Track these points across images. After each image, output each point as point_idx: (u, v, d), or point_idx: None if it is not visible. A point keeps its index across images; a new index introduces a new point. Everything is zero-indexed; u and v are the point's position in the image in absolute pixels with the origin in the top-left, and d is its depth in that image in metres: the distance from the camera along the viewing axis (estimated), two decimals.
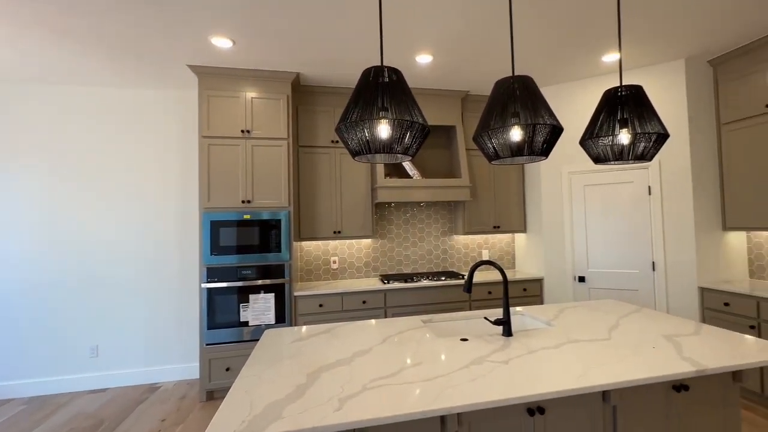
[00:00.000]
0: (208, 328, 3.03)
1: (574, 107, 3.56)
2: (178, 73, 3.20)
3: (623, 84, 2.72)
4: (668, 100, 3.19)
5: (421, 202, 3.98)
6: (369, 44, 2.77)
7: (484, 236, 4.18)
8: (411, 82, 3.53)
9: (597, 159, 1.97)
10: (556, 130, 1.55)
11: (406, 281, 3.46)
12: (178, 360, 3.55)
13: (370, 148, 1.44)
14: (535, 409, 1.43)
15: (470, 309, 3.53)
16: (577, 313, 2.24)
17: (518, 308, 2.35)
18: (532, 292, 3.69)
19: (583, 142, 1.96)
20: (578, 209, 3.53)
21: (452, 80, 3.50)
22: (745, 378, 2.82)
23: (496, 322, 1.78)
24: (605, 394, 1.52)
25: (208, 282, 3.04)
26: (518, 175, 3.99)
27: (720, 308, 2.93)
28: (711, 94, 3.20)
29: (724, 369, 1.48)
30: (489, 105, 1.60)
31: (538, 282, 3.71)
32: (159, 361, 3.52)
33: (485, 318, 1.78)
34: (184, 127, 3.62)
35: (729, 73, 3.08)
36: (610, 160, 1.94)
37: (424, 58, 3.01)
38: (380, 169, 3.43)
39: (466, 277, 3.24)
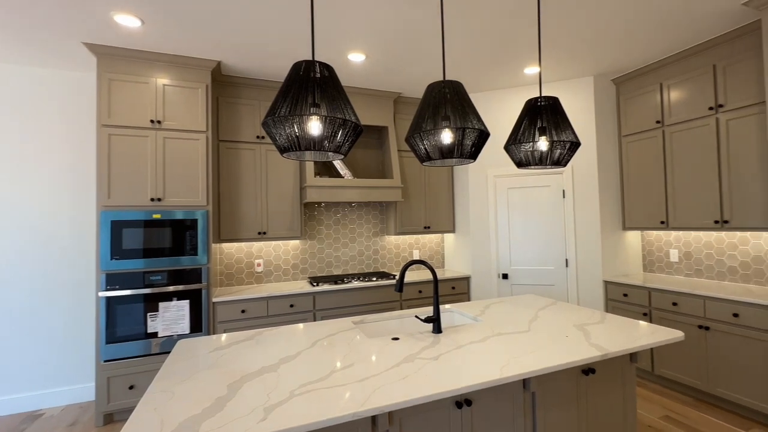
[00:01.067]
0: (107, 343, 2.68)
1: (500, 114, 3.87)
2: (75, 51, 2.81)
3: (542, 95, 3.02)
4: (580, 111, 3.62)
5: (353, 203, 3.99)
6: (298, 36, 2.71)
7: (415, 236, 4.32)
8: (344, 80, 3.54)
9: (519, 163, 2.16)
10: (483, 135, 1.67)
11: (336, 283, 3.43)
12: (69, 381, 3.09)
13: (299, 145, 1.40)
14: (463, 401, 1.50)
15: (402, 308, 3.62)
16: (501, 308, 2.41)
17: (447, 306, 2.46)
18: (460, 289, 3.90)
19: (507, 147, 2.13)
20: (502, 210, 3.83)
21: (385, 81, 3.58)
22: (639, 359, 3.29)
23: (427, 320, 1.84)
24: (525, 382, 1.65)
25: (107, 290, 2.69)
26: (448, 177, 4.21)
27: (620, 299, 3.39)
28: (614, 108, 3.70)
29: (623, 352, 1.70)
30: (421, 107, 1.66)
31: (466, 280, 3.94)
32: (43, 384, 3.03)
33: (416, 316, 1.84)
34: (82, 113, 3.19)
35: (628, 91, 3.59)
36: (531, 165, 2.13)
37: (357, 57, 3.03)
38: (310, 167, 3.37)
39: (397, 276, 3.31)
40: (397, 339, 1.78)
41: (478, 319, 2.16)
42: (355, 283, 3.44)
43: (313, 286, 3.37)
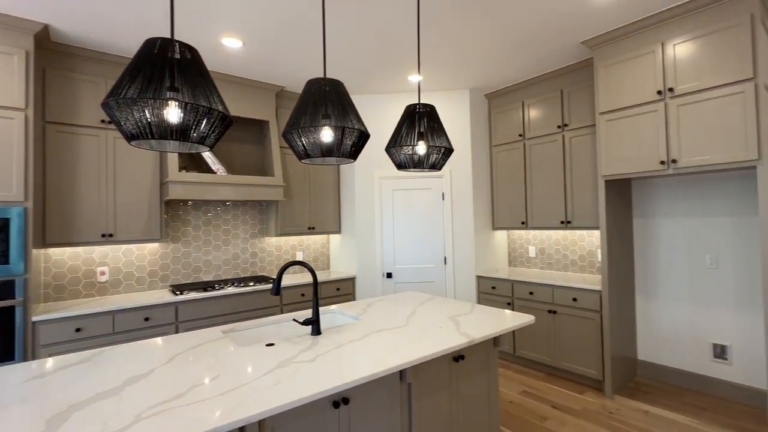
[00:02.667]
0: None
1: (387, 117, 4.10)
2: None
3: (421, 102, 3.29)
4: (457, 121, 4.07)
5: (227, 201, 3.75)
6: (159, 8, 2.45)
7: (299, 238, 4.27)
8: (218, 67, 3.32)
9: (399, 165, 2.33)
10: (364, 136, 1.75)
11: (205, 290, 3.18)
12: None
13: (152, 132, 1.27)
14: (340, 400, 1.55)
15: (282, 313, 3.54)
16: (382, 306, 2.55)
17: (332, 306, 2.50)
18: (345, 290, 3.99)
19: (388, 150, 2.28)
20: (387, 211, 4.06)
21: (267, 73, 3.48)
22: (502, 342, 3.81)
23: (305, 323, 1.85)
24: (402, 375, 1.79)
25: None
26: (334, 177, 4.28)
27: (489, 291, 3.90)
28: (486, 120, 4.26)
29: (486, 337, 1.97)
30: (300, 103, 1.67)
31: (351, 280, 4.05)
32: None
33: (294, 320, 1.83)
34: None
35: (497, 106, 4.17)
36: (409, 167, 2.32)
37: (232, 42, 2.88)
38: (173, 160, 3.05)
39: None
40: (272, 345, 1.74)
41: (360, 318, 2.25)
42: (230, 290, 3.23)
43: (176, 294, 3.06)
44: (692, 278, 3.08)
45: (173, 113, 1.27)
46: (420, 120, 2.24)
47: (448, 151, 2.33)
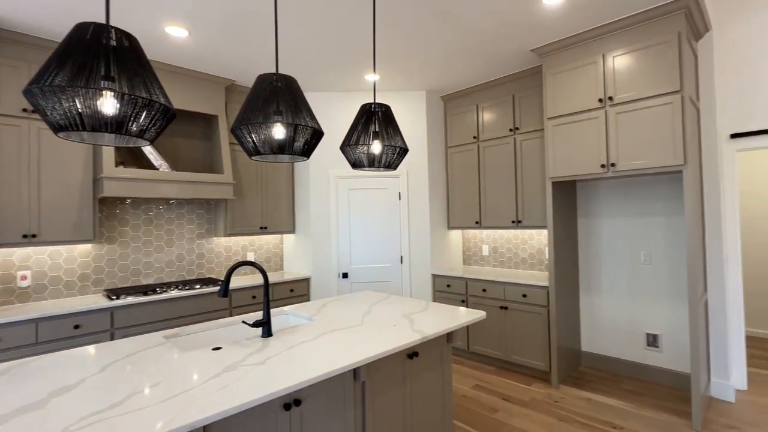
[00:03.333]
0: None
1: (343, 115, 4.09)
2: None
3: (377, 102, 3.33)
4: (414, 122, 4.15)
5: (171, 199, 3.58)
6: None
7: (250, 238, 4.16)
8: (162, 57, 3.15)
9: (354, 164, 2.34)
10: (317, 134, 1.74)
11: (146, 294, 3.01)
12: None
13: (85, 124, 1.19)
14: (292, 402, 1.53)
15: (232, 317, 3.44)
16: (337, 306, 2.55)
17: (285, 308, 2.47)
18: (299, 291, 3.93)
19: (343, 148, 2.29)
20: (343, 211, 4.05)
21: (216, 65, 3.35)
22: (455, 339, 3.93)
23: (256, 325, 1.81)
24: (356, 374, 1.80)
25: None
26: (288, 175, 4.21)
27: (445, 289, 4.02)
28: (442, 122, 4.37)
29: (439, 333, 2.03)
30: (250, 98, 1.63)
31: (306, 281, 4.00)
32: None
33: (243, 322, 1.78)
34: None
35: (453, 108, 4.30)
36: (364, 166, 2.35)
37: (177, 32, 2.75)
38: (109, 154, 2.86)
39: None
40: (219, 348, 1.69)
41: (313, 318, 2.24)
42: (173, 293, 3.08)
43: (112, 299, 2.87)
44: (629, 273, 3.35)
45: (108, 104, 1.21)
46: (375, 119, 2.27)
47: (403, 150, 2.37)
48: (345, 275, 4.01)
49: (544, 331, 3.29)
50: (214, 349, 1.68)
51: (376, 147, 2.28)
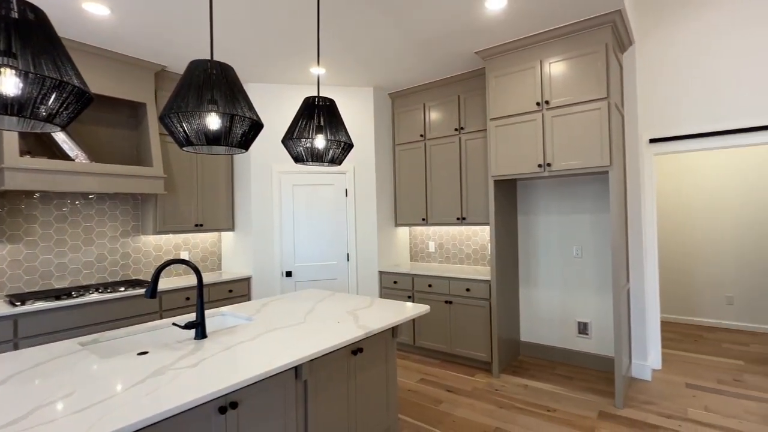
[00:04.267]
0: None
1: (285, 108, 3.98)
2: None
3: (321, 95, 3.28)
4: (362, 118, 4.14)
5: (91, 194, 3.28)
6: None
7: (184, 236, 3.92)
8: (84, 38, 2.88)
9: (297, 158, 2.29)
10: (255, 125, 1.68)
11: (58, 298, 2.72)
12: None
13: None
14: (228, 405, 1.47)
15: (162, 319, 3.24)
16: (279, 304, 2.49)
17: (223, 308, 2.36)
18: (239, 292, 3.78)
19: (284, 142, 2.23)
20: (287, 207, 3.95)
21: (144, 49, 3.12)
22: (401, 334, 3.99)
23: (188, 326, 1.71)
24: (297, 372, 1.77)
25: None
26: (227, 169, 4.02)
27: (392, 286, 4.06)
28: (390, 119, 4.41)
29: (384, 328, 2.05)
30: (181, 85, 1.53)
31: (246, 281, 3.85)
32: None
33: (174, 324, 1.68)
34: None
35: (401, 106, 4.35)
36: (308, 161, 2.30)
37: (97, 8, 2.52)
38: (11, 142, 2.55)
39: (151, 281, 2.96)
40: (145, 353, 1.58)
41: (253, 318, 2.16)
42: (92, 297, 2.82)
43: (15, 306, 2.57)
44: (563, 267, 3.60)
45: (8, 83, 1.09)
46: (319, 113, 2.24)
47: (348, 146, 2.36)
48: (289, 274, 3.92)
49: (486, 324, 3.44)
50: (139, 354, 1.57)
51: (320, 142, 2.25)
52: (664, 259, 4.95)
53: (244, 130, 1.64)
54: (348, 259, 4.07)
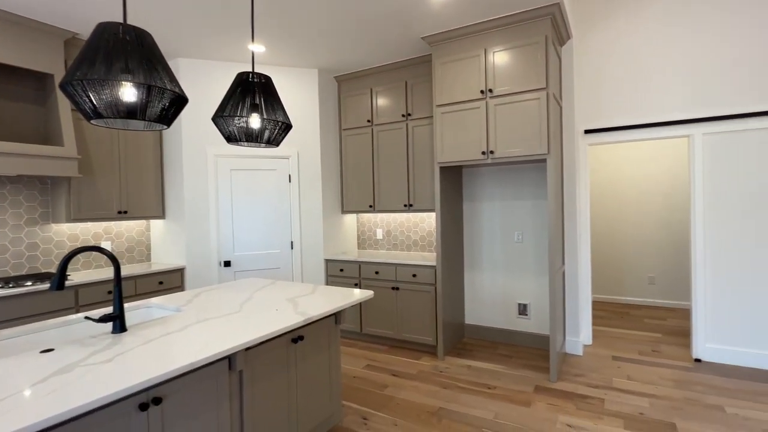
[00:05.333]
0: None
1: (221, 87, 3.76)
2: None
3: (256, 71, 3.12)
4: (306, 100, 4.01)
5: None
6: None
7: (106, 224, 3.59)
8: None
9: (229, 138, 2.16)
10: (179, 100, 1.55)
11: None
12: None
13: None
14: (149, 401, 1.37)
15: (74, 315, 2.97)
16: (213, 294, 2.37)
17: (150, 300, 2.20)
18: (171, 283, 3.55)
19: (215, 120, 2.10)
20: (225, 193, 3.76)
21: (50, 13, 2.78)
22: (348, 321, 3.98)
23: (103, 320, 1.56)
24: (231, 363, 1.69)
25: None
26: (154, 151, 3.73)
27: (338, 274, 4.03)
28: (336, 103, 4.31)
29: (324, 314, 2.01)
30: (87, 50, 1.36)
31: (179, 272, 3.63)
32: None
33: (87, 317, 1.53)
34: None
35: (347, 90, 4.26)
36: (242, 141, 2.18)
37: None
38: None
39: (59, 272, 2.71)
40: (50, 350, 1.42)
41: (183, 309, 2.03)
42: None
43: None
44: (505, 251, 3.75)
45: None
46: (254, 90, 2.13)
47: (286, 126, 2.27)
48: (228, 264, 3.74)
49: (432, 308, 3.51)
50: (43, 351, 1.41)
51: (255, 121, 2.14)
52: (597, 243, 5.34)
53: (165, 104, 1.50)
54: (292, 247, 3.96)
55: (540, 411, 2.53)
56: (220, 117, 2.05)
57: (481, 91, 3.14)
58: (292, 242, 3.96)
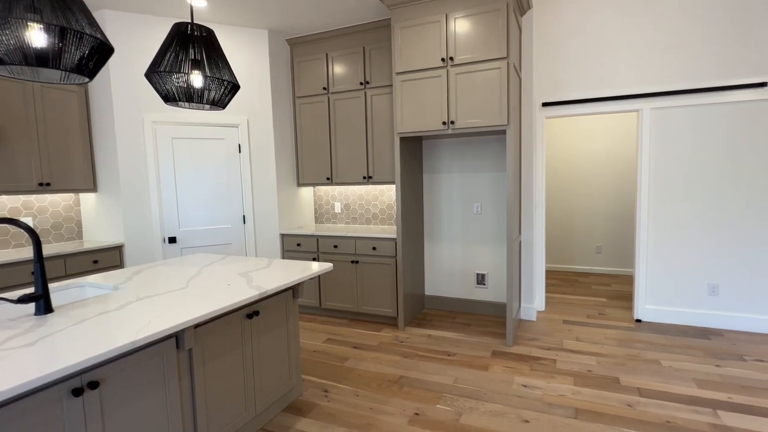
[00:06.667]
0: None
1: (155, 43, 3.42)
2: None
3: (197, 23, 2.86)
4: (255, 63, 3.76)
5: None
6: None
7: (24, 198, 3.24)
8: None
9: (167, 97, 1.96)
10: (102, 48, 1.35)
11: None
12: None
13: None
14: (84, 386, 1.25)
15: None
16: (157, 271, 2.21)
17: (83, 278, 2.01)
18: (107, 262, 3.29)
19: (149, 76, 1.89)
20: (166, 164, 3.49)
21: None
22: (304, 295, 3.91)
23: (23, 300, 1.39)
24: (179, 341, 1.58)
25: None
26: (80, 116, 3.35)
27: (295, 248, 3.92)
28: (289, 68, 4.08)
29: (281, 288, 1.93)
30: None
31: (116, 250, 3.36)
32: None
33: (3, 298, 1.36)
34: None
35: (300, 55, 4.02)
36: (182, 101, 1.99)
37: None
38: None
39: None
40: None
41: (121, 287, 1.87)
42: None
43: None
44: (465, 223, 3.81)
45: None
46: (194, 44, 1.93)
47: (234, 86, 2.10)
48: (172, 240, 3.51)
49: (392, 281, 3.51)
50: None
51: (197, 79, 1.96)
52: (551, 215, 5.57)
53: (84, 53, 1.31)
54: (244, 222, 3.79)
55: (497, 374, 2.64)
56: (155, 72, 1.85)
57: (442, 59, 3.08)
58: (244, 216, 3.78)
